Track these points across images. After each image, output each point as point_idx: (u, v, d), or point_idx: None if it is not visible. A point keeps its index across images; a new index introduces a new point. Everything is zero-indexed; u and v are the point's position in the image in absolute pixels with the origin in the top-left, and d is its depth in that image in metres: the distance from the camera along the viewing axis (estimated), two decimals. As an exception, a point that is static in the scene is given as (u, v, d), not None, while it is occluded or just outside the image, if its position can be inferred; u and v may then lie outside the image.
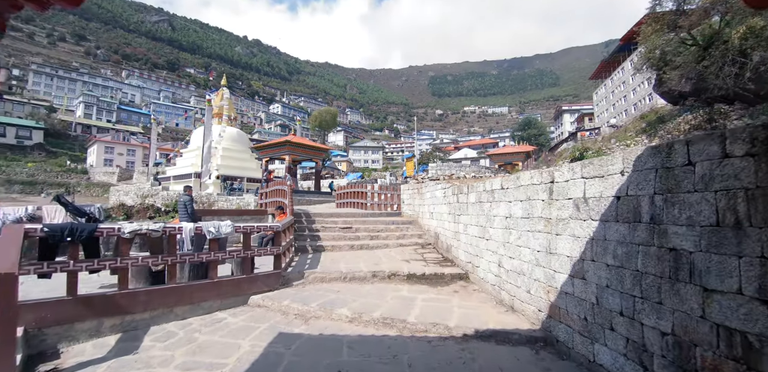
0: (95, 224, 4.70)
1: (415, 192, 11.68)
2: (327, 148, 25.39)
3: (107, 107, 79.73)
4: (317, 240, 9.24)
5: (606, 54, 68.79)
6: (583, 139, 40.60)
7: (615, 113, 51.44)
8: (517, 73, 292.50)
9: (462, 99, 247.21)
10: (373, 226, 10.64)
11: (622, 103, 49.66)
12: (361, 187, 14.12)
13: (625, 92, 48.57)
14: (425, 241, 9.77)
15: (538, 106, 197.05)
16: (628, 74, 47.24)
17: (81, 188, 45.79)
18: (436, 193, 9.13)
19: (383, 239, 9.73)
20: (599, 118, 57.82)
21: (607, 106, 54.83)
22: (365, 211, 12.62)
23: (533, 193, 4.68)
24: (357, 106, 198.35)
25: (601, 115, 57.10)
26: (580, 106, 76.74)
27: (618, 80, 50.98)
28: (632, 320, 3.03)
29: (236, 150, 27.40)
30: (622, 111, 49.27)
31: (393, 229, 10.61)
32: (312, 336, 4.55)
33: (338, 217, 11.14)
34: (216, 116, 28.58)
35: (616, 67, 51.81)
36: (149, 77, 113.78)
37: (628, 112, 47.09)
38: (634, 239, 3.02)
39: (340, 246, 8.87)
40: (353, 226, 10.36)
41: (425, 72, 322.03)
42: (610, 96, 53.87)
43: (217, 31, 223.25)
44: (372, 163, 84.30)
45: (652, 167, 2.90)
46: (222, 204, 18.42)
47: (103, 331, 4.68)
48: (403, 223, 11.23)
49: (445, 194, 8.38)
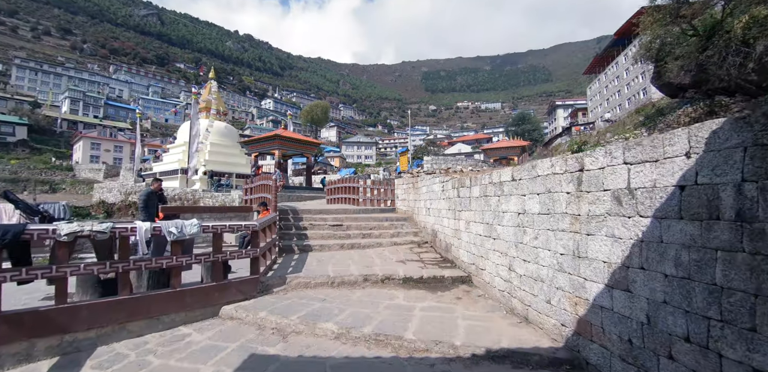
0: (22, 225, 3.85)
1: (410, 186, 10.94)
2: (318, 142, 24.50)
3: (94, 103, 77.68)
4: (304, 239, 8.44)
5: (598, 50, 68.76)
6: (577, 133, 40.09)
7: (609, 108, 51.05)
8: (510, 69, 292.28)
9: (455, 95, 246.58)
10: (366, 223, 9.88)
11: (616, 98, 49.26)
12: (353, 182, 13.31)
13: (619, 87, 48.14)
14: (421, 239, 9.01)
15: (531, 102, 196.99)
16: (623, 69, 46.83)
17: (66, 186, 44.35)
18: (433, 187, 8.36)
19: (376, 237, 8.98)
20: (593, 112, 57.46)
21: (601, 101, 54.44)
22: (357, 208, 11.84)
23: (555, 185, 3.92)
24: (350, 101, 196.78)
25: (595, 110, 56.73)
26: (573, 101, 76.38)
27: (612, 75, 50.54)
28: (705, 350, 2.28)
29: (225, 145, 26.40)
30: (616, 105, 48.88)
31: (387, 226, 9.86)
32: (290, 359, 3.76)
33: (328, 214, 10.37)
34: (204, 110, 27.53)
35: (610, 62, 51.35)
36: (137, 72, 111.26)
37: (623, 106, 46.71)
38: (710, 242, 2.26)
39: (329, 245, 8.07)
40: (344, 223, 9.59)
41: (418, 67, 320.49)
42: (603, 91, 53.45)
43: (208, 26, 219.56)
44: (365, 159, 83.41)
45: (737, 145, 2.13)
46: (208, 201, 17.50)
47: (35, 355, 3.85)
48: (398, 220, 10.49)
49: (443, 188, 7.62)
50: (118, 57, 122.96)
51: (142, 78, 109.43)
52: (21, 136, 57.61)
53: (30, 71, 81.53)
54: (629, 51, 44.62)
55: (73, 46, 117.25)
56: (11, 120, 57.85)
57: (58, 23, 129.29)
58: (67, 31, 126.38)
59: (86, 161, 51.87)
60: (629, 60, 44.28)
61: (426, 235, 9.07)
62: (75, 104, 74.14)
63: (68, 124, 66.26)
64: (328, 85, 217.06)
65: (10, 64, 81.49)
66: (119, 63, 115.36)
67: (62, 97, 74.68)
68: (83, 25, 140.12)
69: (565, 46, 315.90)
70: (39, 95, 76.42)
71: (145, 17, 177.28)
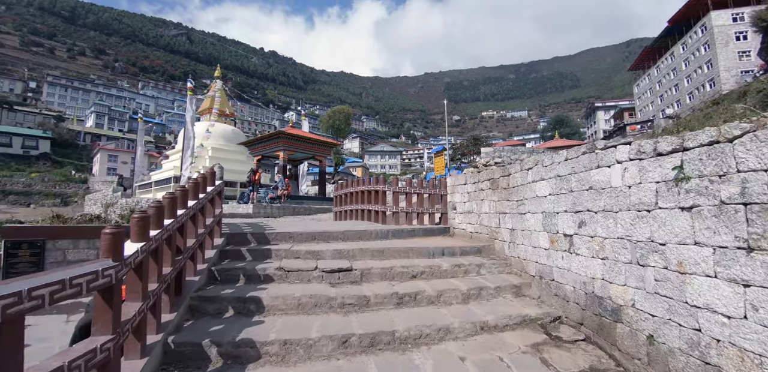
0: None
1: (486, 187, 6.00)
2: (332, 142, 20.80)
3: (119, 117, 78.25)
4: (251, 316, 3.53)
5: (628, 53, 62.33)
6: (633, 132, 34.87)
7: (664, 105, 45.39)
8: (535, 76, 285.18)
9: (479, 104, 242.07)
10: (401, 263, 4.85)
11: (673, 94, 43.62)
12: (375, 184, 8.10)
13: (676, 80, 42.57)
14: (551, 310, 4.13)
15: (560, 109, 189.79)
16: (680, 60, 41.39)
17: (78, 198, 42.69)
18: (605, 176, 3.47)
19: (430, 305, 4.10)
20: (642, 112, 51.75)
21: (653, 98, 48.81)
22: (383, 228, 6.59)
23: None
24: (373, 113, 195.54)
25: (645, 109, 51.05)
26: (614, 102, 70.51)
27: (666, 68, 45.03)
28: None
29: (229, 150, 23.22)
30: (673, 102, 43.22)
31: (448, 271, 4.87)
32: None
33: (326, 242, 5.57)
34: (206, 112, 24.59)
35: (663, 54, 45.89)
36: (164, 88, 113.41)
37: (682, 102, 41.05)
38: None
39: (314, 340, 3.09)
40: (355, 264, 4.67)
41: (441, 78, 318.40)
42: (656, 86, 47.87)
43: (234, 44, 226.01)
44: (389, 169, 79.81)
45: None
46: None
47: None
48: (466, 253, 5.60)
49: (626, 172, 3.19)
50: (148, 74, 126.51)
51: (168, 93, 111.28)
52: (44, 150, 57.52)
53: (60, 88, 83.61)
54: (688, 39, 39.34)
55: (105, 65, 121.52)
56: (35, 133, 57.97)
57: (93, 44, 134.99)
58: (101, 51, 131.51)
59: (103, 173, 50.71)
60: (690, 48, 38.94)
61: (558, 294, 4.17)
62: (100, 118, 74.73)
63: (92, 137, 66.26)
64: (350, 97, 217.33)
65: (43, 82, 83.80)
66: (147, 80, 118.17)
67: (88, 111, 75.57)
68: (116, 46, 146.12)
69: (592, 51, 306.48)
70: (67, 110, 77.73)
71: (175, 37, 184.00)
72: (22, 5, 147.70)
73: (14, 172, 50.52)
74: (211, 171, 5.17)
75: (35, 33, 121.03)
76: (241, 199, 15.38)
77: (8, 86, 78.35)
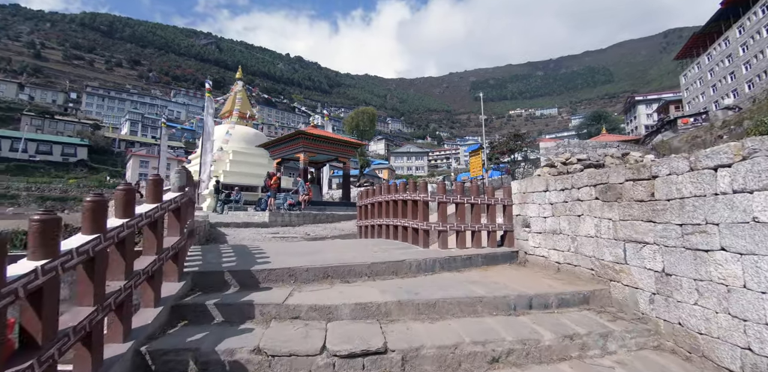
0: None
1: (590, 195, 4.13)
2: (356, 142, 19.39)
3: (152, 124, 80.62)
4: None
5: (666, 44, 56.61)
6: (685, 126, 31.53)
7: (717, 96, 41.26)
8: (565, 72, 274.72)
9: (506, 103, 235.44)
10: (468, 329, 3.01)
11: (728, 83, 39.50)
12: (412, 192, 5.95)
13: (732, 68, 38.48)
14: None
15: (592, 105, 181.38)
16: (736, 45, 37.38)
17: (110, 204, 43.38)
18: None
19: None
20: (690, 104, 47.48)
21: (703, 89, 44.62)
22: (424, 256, 4.71)
23: None
24: (398, 115, 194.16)
25: (693, 101, 46.79)
26: (657, 95, 65.68)
27: (720, 55, 40.91)
28: None
29: (251, 154, 22.27)
30: (729, 91, 39.11)
31: (551, 347, 2.89)
32: None
33: (344, 283, 3.95)
34: (228, 114, 23.81)
35: (716, 40, 41.76)
36: (194, 95, 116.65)
37: (740, 91, 37.02)
38: None
39: None
40: (391, 336, 2.82)
41: (466, 78, 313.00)
42: (706, 76, 43.68)
43: (261, 51, 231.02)
44: (416, 170, 77.95)
45: None
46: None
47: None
48: (566, 304, 3.63)
49: None
50: (180, 83, 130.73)
51: (199, 100, 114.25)
52: (81, 157, 59.68)
53: (98, 98, 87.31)
54: (746, 21, 35.44)
55: (140, 75, 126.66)
56: (72, 141, 60.26)
57: (129, 56, 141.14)
58: (137, 62, 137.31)
59: (135, 179, 51.61)
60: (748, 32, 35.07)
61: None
62: (134, 126, 77.23)
63: (126, 144, 68.34)
64: (375, 99, 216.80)
65: (82, 93, 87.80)
66: (179, 88, 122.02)
67: (123, 119, 78.25)
68: (151, 56, 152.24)
69: (626, 44, 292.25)
70: (104, 119, 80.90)
71: (205, 46, 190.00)
72: (65, 22, 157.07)
73: (53, 179, 52.53)
74: (154, 179, 3.50)
75: (77, 47, 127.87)
76: (258, 205, 14.19)
77: (51, 97, 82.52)
